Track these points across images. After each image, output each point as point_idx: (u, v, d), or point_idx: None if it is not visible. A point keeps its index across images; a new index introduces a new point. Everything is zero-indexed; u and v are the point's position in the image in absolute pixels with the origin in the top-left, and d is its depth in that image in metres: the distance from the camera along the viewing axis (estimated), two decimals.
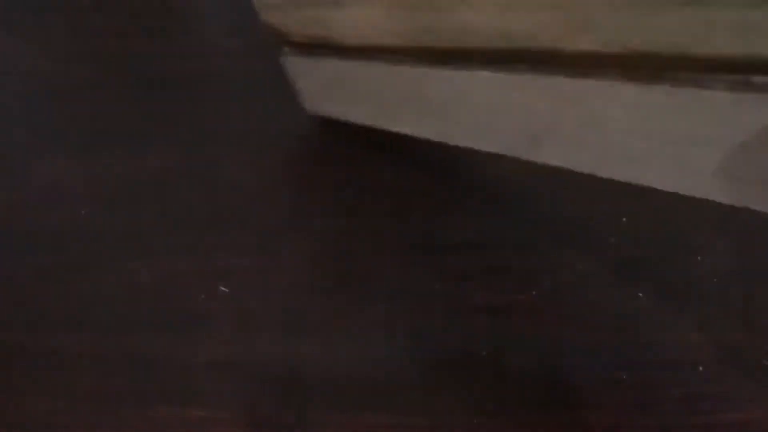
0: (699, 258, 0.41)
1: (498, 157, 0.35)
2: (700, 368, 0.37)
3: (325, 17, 0.37)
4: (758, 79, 0.23)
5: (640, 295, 0.39)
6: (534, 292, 0.39)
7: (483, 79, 0.32)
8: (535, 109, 0.31)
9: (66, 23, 0.51)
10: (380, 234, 0.42)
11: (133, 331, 0.38)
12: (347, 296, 0.39)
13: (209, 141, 0.47)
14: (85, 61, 0.49)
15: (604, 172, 0.31)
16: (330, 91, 0.43)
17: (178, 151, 0.44)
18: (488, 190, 0.44)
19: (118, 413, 0.36)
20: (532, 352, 0.37)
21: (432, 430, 0.35)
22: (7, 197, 0.43)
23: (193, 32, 0.55)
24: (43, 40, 0.50)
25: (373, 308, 0.39)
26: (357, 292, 0.40)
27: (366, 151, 0.46)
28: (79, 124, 0.46)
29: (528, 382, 0.37)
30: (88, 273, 0.40)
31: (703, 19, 0.23)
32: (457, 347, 0.37)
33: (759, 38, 0.22)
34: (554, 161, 0.33)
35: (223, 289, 0.39)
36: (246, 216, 0.43)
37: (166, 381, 0.37)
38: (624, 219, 0.42)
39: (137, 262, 0.40)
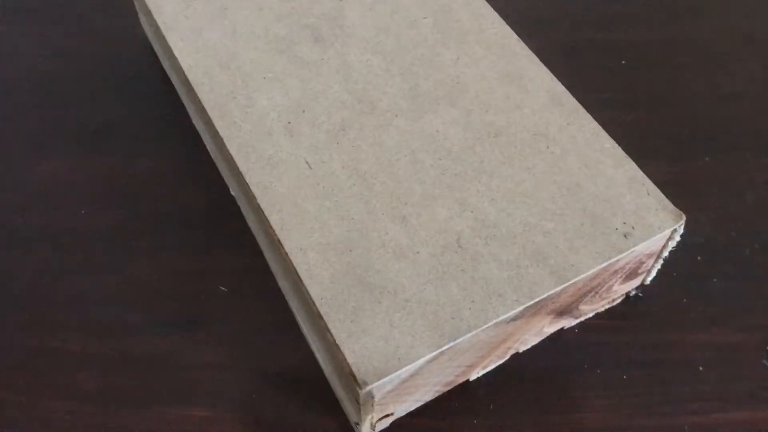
0: (699, 258, 0.41)
1: None
2: (700, 368, 0.37)
3: None
4: None
5: (640, 294, 0.39)
6: None
7: None
8: None
9: (66, 24, 0.51)
10: None
11: (133, 331, 0.38)
12: None
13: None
14: (85, 61, 0.49)
15: None
16: None
17: (177, 152, 0.44)
18: None
19: (118, 413, 0.36)
20: (532, 351, 0.37)
21: (432, 430, 0.35)
22: (7, 197, 0.43)
23: None
24: (43, 40, 0.50)
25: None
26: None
27: None
28: (79, 124, 0.46)
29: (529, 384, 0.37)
30: (88, 273, 0.40)
31: None
32: None
33: None
34: None
35: (223, 289, 0.39)
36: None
37: (166, 381, 0.37)
38: None
39: (137, 261, 0.40)
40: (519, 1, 0.51)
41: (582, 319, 0.38)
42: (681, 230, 0.35)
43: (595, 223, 0.34)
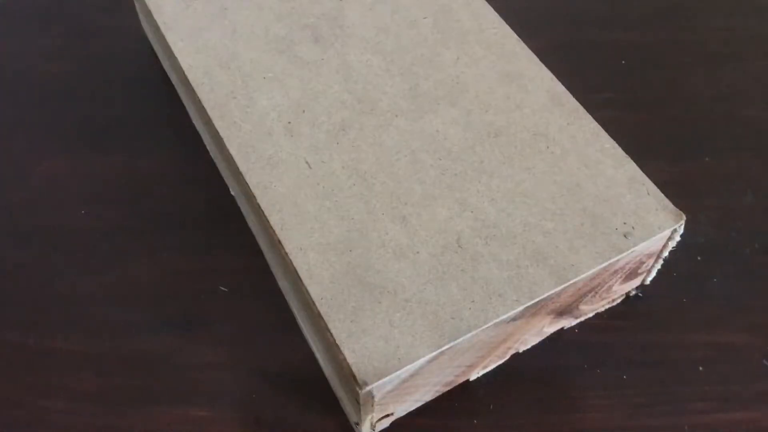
0: (699, 258, 0.41)
1: None
2: (700, 368, 0.37)
3: None
4: None
5: (640, 294, 0.39)
6: None
7: None
8: None
9: (66, 24, 0.51)
10: None
11: (133, 331, 0.38)
12: None
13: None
14: (85, 61, 0.49)
15: None
16: None
17: (177, 152, 0.44)
18: None
19: (118, 413, 0.36)
20: (533, 351, 0.37)
21: (432, 430, 0.35)
22: (8, 197, 0.43)
23: None
24: (43, 40, 0.50)
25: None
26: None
27: None
28: (79, 124, 0.46)
29: (529, 383, 0.37)
30: (88, 273, 0.40)
31: None
32: None
33: None
34: None
35: (223, 289, 0.39)
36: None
37: (166, 381, 0.37)
38: None
39: (137, 262, 0.40)
40: (519, 1, 0.51)
41: (582, 319, 0.38)
42: (681, 230, 0.35)
43: (595, 223, 0.34)
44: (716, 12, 0.52)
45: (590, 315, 0.38)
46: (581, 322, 0.38)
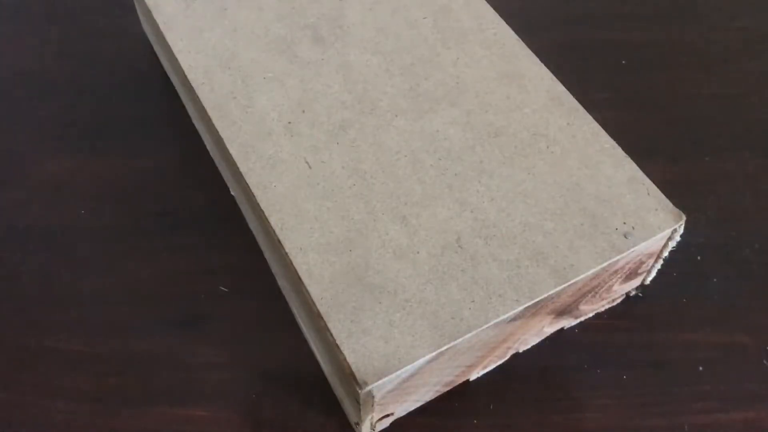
0: (699, 258, 0.41)
1: None
2: (700, 368, 0.37)
3: None
4: None
5: (640, 294, 0.39)
6: None
7: None
8: None
9: (66, 24, 0.51)
10: None
11: (133, 331, 0.38)
12: None
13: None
14: (85, 61, 0.49)
15: None
16: None
17: (177, 152, 0.44)
18: None
19: (118, 413, 0.36)
20: (532, 351, 0.37)
21: (432, 430, 0.35)
22: (7, 197, 0.43)
23: None
24: (43, 40, 0.50)
25: None
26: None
27: None
28: (79, 124, 0.46)
29: (528, 383, 0.37)
30: (88, 273, 0.40)
31: None
32: None
33: None
34: None
35: (223, 289, 0.39)
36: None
37: (167, 381, 0.37)
38: None
39: (137, 262, 0.40)
40: (518, 1, 0.51)
41: (582, 319, 0.38)
42: (681, 230, 0.35)
43: (595, 223, 0.34)
44: (717, 12, 0.52)
45: (590, 315, 0.38)
46: (581, 322, 0.38)
